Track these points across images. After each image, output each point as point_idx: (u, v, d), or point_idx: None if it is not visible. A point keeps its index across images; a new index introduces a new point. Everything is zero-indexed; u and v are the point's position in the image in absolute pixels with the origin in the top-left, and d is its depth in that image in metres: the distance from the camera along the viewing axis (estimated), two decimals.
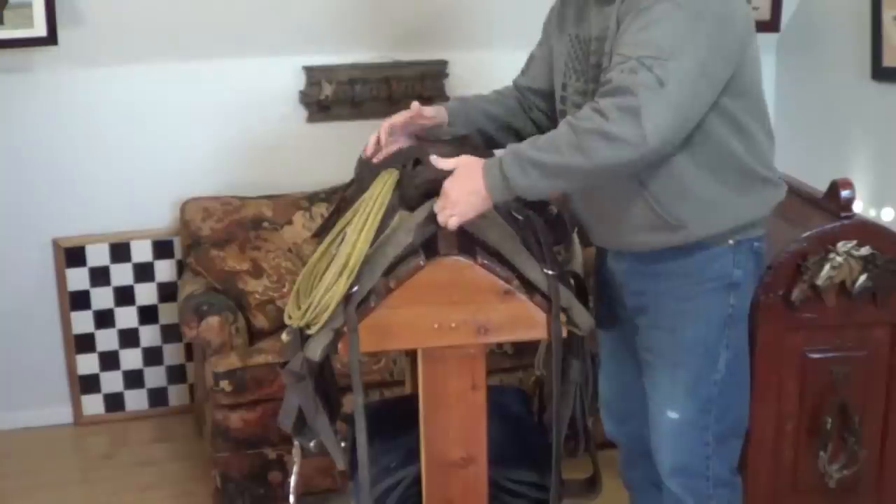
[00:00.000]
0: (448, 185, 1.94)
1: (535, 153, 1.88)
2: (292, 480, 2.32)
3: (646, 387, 2.21)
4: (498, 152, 2.03)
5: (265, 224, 3.48)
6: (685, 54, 1.85)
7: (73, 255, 3.58)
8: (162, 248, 3.64)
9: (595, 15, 2.05)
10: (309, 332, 2.00)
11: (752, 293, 2.19)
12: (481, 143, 2.34)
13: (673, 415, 2.15)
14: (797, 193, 2.75)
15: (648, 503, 2.41)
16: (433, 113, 2.19)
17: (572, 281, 2.13)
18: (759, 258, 2.16)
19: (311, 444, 2.13)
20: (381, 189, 2.08)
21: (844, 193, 2.49)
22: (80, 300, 3.62)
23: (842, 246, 2.43)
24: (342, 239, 2.05)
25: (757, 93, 2.08)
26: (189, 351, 3.68)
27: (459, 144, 2.14)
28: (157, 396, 3.75)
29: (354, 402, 2.02)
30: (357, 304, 1.97)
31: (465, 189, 1.93)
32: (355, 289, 1.97)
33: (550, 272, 2.01)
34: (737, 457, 2.27)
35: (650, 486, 2.34)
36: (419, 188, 2.06)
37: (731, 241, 2.08)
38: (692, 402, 2.13)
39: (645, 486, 2.39)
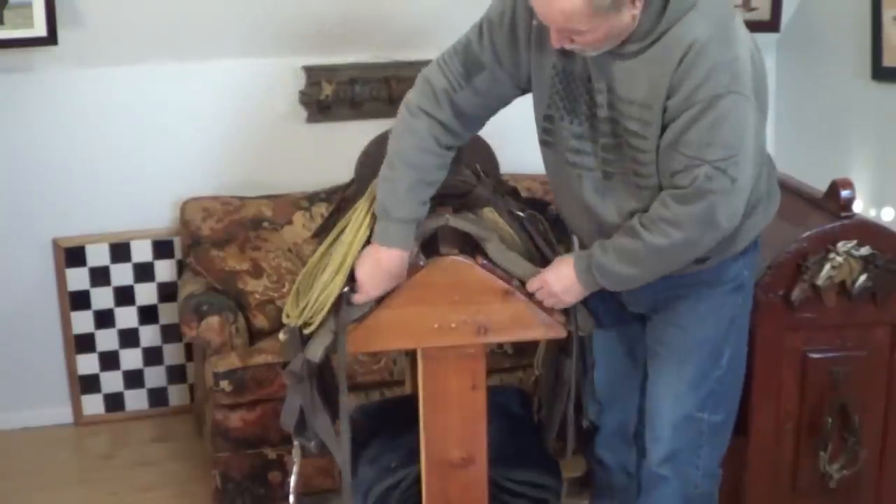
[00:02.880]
0: (552, 280, 2.03)
1: (624, 269, 1.99)
2: (292, 480, 2.32)
3: (650, 377, 2.25)
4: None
5: (265, 224, 3.47)
6: (749, 141, 1.90)
7: (73, 255, 3.58)
8: (162, 248, 3.64)
9: (598, 64, 1.92)
10: (306, 331, 2.00)
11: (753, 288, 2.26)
12: (479, 139, 2.36)
13: (675, 406, 2.20)
14: (797, 193, 2.75)
15: (613, 482, 2.45)
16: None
17: None
18: (759, 252, 2.24)
19: (312, 444, 2.14)
20: None
21: (844, 193, 2.50)
22: (80, 300, 3.61)
23: (842, 246, 2.44)
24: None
25: (764, 111, 2.08)
26: (189, 351, 3.68)
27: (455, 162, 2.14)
28: (157, 396, 3.75)
29: (340, 403, 2.03)
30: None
31: (566, 287, 2.03)
32: (347, 288, 1.97)
33: None
34: (725, 448, 2.31)
35: (619, 468, 2.42)
36: None
37: (740, 250, 2.14)
38: (694, 396, 2.19)
39: (614, 467, 2.44)
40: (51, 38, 3.25)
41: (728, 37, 1.86)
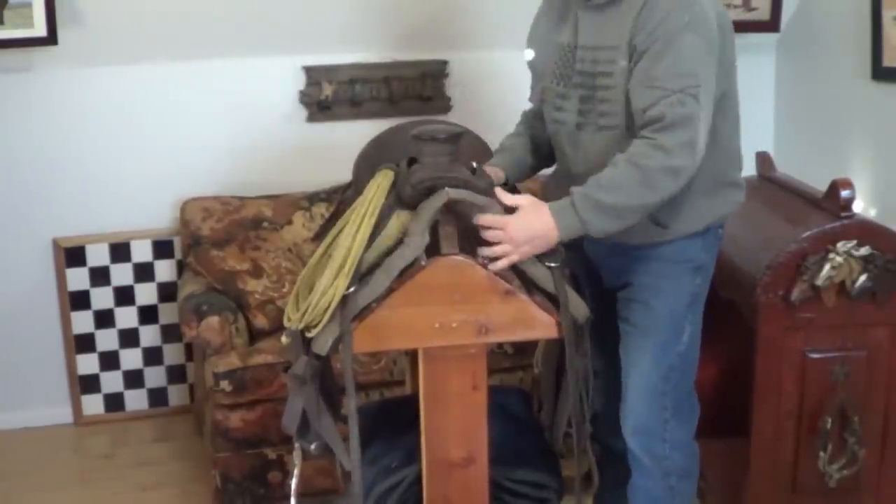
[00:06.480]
0: (515, 225, 1.99)
1: (607, 196, 2.01)
2: (293, 483, 2.32)
3: (620, 354, 2.34)
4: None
5: (265, 224, 3.48)
6: (708, 77, 2.06)
7: (73, 255, 3.58)
8: (162, 248, 3.64)
9: (583, 23, 2.17)
10: (309, 334, 2.00)
11: (712, 274, 2.34)
12: (477, 138, 2.41)
13: (641, 378, 2.29)
14: (797, 193, 2.75)
15: (619, 468, 2.45)
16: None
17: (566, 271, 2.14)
18: (720, 242, 2.35)
19: (313, 446, 2.13)
20: (376, 191, 2.08)
21: (844, 193, 2.50)
22: (80, 300, 3.61)
23: (842, 246, 2.44)
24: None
25: (734, 96, 2.23)
26: (189, 351, 3.68)
27: (453, 142, 2.15)
28: (157, 396, 3.75)
29: (347, 406, 2.02)
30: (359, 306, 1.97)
31: (534, 232, 2.00)
32: (352, 289, 1.97)
33: (553, 265, 2.04)
34: (695, 422, 2.37)
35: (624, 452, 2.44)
36: (416, 187, 2.06)
37: (700, 229, 2.26)
38: (657, 369, 2.28)
39: (623, 454, 2.44)
40: (51, 38, 3.25)
41: None
